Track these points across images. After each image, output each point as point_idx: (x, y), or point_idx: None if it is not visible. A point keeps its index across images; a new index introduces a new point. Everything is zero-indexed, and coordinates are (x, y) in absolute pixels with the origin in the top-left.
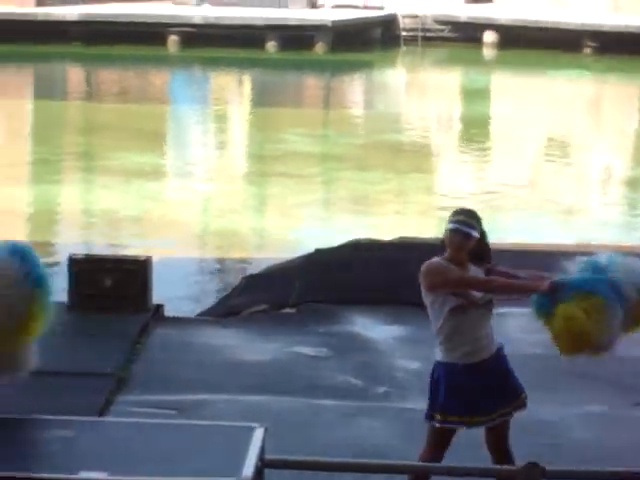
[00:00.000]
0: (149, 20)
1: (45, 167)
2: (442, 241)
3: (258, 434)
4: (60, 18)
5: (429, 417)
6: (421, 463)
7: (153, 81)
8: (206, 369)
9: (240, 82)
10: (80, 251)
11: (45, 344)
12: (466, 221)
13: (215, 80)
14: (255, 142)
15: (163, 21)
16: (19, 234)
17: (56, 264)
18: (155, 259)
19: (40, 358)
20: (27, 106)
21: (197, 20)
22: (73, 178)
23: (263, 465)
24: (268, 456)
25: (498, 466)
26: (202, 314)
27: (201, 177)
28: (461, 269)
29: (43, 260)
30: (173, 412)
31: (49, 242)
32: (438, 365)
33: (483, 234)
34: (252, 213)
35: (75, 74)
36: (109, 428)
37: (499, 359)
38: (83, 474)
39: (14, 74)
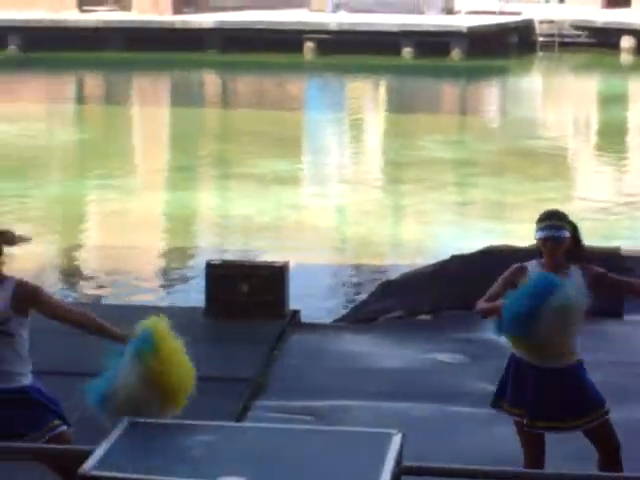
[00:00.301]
0: (285, 27)
1: (183, 174)
2: (538, 247)
3: (396, 440)
4: (197, 26)
5: None
6: (565, 472)
7: (289, 88)
8: (342, 375)
9: (376, 88)
10: (217, 257)
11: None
12: (554, 224)
13: (350, 87)
14: (391, 148)
15: (299, 28)
16: (158, 240)
17: (193, 270)
18: (292, 265)
19: None
20: (165, 114)
21: (333, 27)
22: (210, 185)
23: (400, 472)
24: (405, 463)
25: None
26: (338, 320)
27: (337, 184)
28: (560, 274)
29: (181, 266)
30: (310, 418)
31: (187, 248)
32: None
33: (575, 231)
34: (388, 219)
35: (212, 81)
36: (248, 433)
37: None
38: (222, 479)
39: (152, 82)
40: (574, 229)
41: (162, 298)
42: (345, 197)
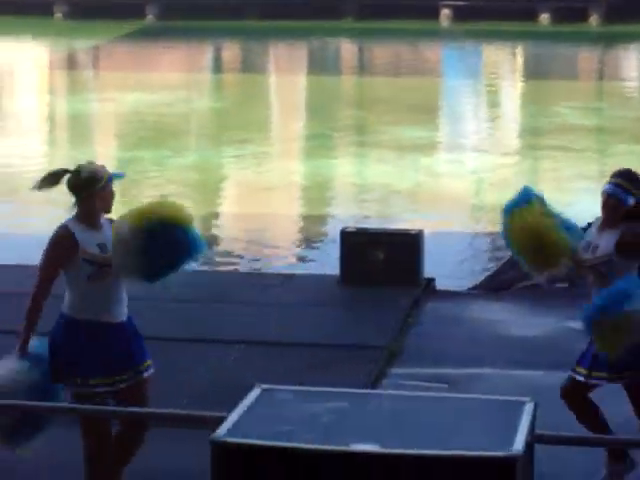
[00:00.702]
0: None
1: (319, 141)
2: None
3: (529, 409)
4: None
5: None
6: None
7: (425, 55)
8: (477, 343)
9: (512, 55)
10: (352, 225)
11: (318, 317)
12: (619, 184)
13: (487, 53)
14: (528, 115)
15: None
16: (293, 208)
17: (329, 238)
18: (427, 233)
19: (314, 331)
20: (301, 82)
21: None
22: (346, 152)
23: (533, 440)
24: (538, 431)
25: None
26: (473, 288)
27: (473, 150)
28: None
29: (316, 233)
30: (445, 385)
31: (322, 215)
32: None
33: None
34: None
35: (347, 49)
36: (382, 400)
37: None
38: (354, 446)
39: (288, 50)
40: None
41: (297, 266)
42: (481, 164)
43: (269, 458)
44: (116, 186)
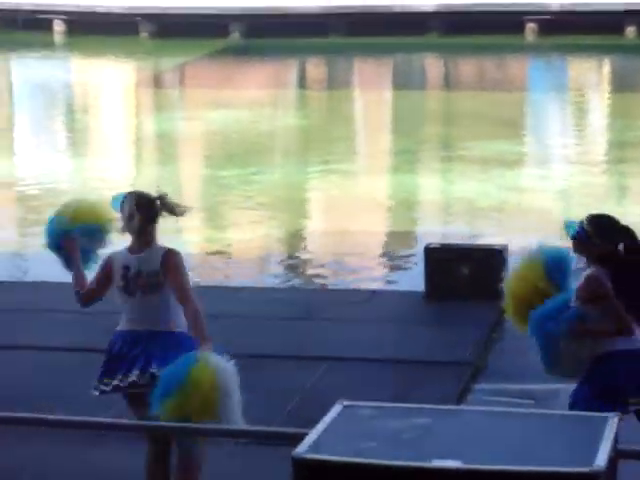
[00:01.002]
0: (506, 9)
1: (404, 157)
2: None
3: (612, 424)
4: (417, 9)
5: None
6: None
7: (511, 69)
8: None
9: (598, 68)
10: (437, 240)
11: (403, 333)
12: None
13: (573, 67)
14: (614, 129)
15: (521, 9)
16: (378, 223)
17: (413, 253)
18: (512, 248)
19: (398, 347)
20: (387, 97)
21: (554, 8)
22: (431, 167)
23: (617, 455)
24: (622, 446)
25: None
26: None
27: (559, 165)
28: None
29: (400, 249)
30: (530, 401)
31: (407, 231)
32: None
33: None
34: (611, 202)
35: (433, 64)
36: (466, 416)
37: None
38: (437, 462)
39: (374, 66)
40: (596, 230)
41: (382, 282)
42: (567, 178)
43: (350, 475)
44: (200, 203)
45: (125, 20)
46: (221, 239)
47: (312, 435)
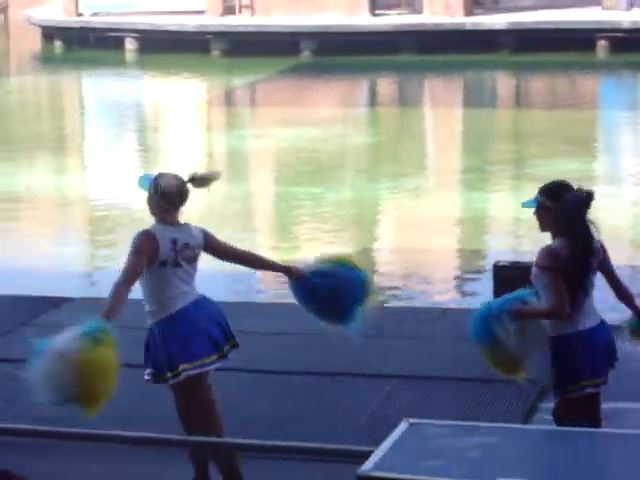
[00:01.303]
0: (577, 26)
1: (475, 175)
2: None
3: None
4: (489, 27)
5: None
6: None
7: (582, 87)
8: (620, 377)
9: None
10: (506, 258)
11: (471, 352)
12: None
13: None
14: None
15: (591, 27)
16: (447, 241)
17: (482, 271)
18: None
19: (466, 366)
20: (457, 115)
21: (626, 25)
22: (501, 185)
23: None
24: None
25: None
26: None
27: (631, 184)
28: None
29: (469, 267)
30: None
31: (476, 249)
32: None
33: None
34: None
35: (504, 82)
36: (532, 435)
37: None
38: None
39: (445, 83)
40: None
41: (451, 300)
42: (638, 198)
43: None
44: (271, 221)
45: (197, 38)
46: (292, 258)
47: (377, 453)
